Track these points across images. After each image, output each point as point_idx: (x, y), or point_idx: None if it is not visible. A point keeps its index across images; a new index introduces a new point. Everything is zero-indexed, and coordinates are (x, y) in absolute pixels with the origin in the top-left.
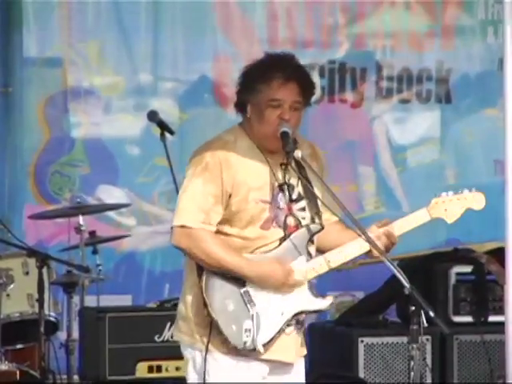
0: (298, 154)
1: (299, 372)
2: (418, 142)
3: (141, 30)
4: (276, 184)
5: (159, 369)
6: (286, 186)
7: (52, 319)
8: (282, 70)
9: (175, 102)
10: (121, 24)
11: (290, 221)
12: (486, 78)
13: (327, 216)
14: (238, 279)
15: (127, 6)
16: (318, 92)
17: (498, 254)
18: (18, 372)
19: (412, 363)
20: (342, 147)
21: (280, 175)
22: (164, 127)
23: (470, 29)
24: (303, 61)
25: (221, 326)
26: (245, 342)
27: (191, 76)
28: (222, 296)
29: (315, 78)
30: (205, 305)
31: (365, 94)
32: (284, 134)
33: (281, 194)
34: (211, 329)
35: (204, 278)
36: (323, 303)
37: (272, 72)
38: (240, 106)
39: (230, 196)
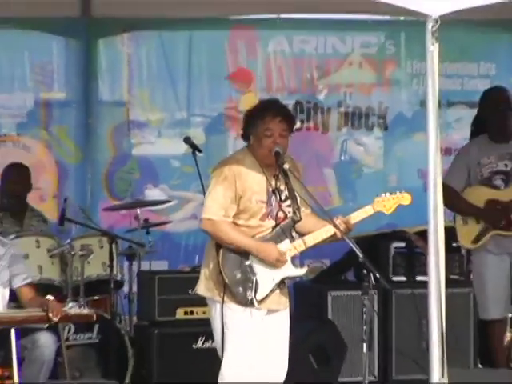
0: (286, 166)
1: (286, 315)
2: (367, 156)
3: (179, 79)
4: (270, 189)
5: (192, 312)
6: (276, 191)
7: (118, 279)
8: (271, 109)
9: (203, 131)
10: (165, 75)
11: (280, 214)
12: (412, 114)
13: (303, 209)
14: (244, 255)
15: (169, 61)
16: (299, 122)
17: (423, 234)
18: (95, 315)
19: (364, 309)
20: (314, 159)
21: (273, 183)
22: (195, 147)
23: (401, 79)
24: (290, 102)
25: (231, 287)
26: (247, 299)
27: (213, 113)
28: (233, 267)
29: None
30: (220, 273)
31: (330, 124)
32: (277, 153)
33: (273, 196)
34: (225, 288)
35: (221, 254)
36: (301, 271)
37: (265, 111)
38: (245, 136)
39: (240, 197)
